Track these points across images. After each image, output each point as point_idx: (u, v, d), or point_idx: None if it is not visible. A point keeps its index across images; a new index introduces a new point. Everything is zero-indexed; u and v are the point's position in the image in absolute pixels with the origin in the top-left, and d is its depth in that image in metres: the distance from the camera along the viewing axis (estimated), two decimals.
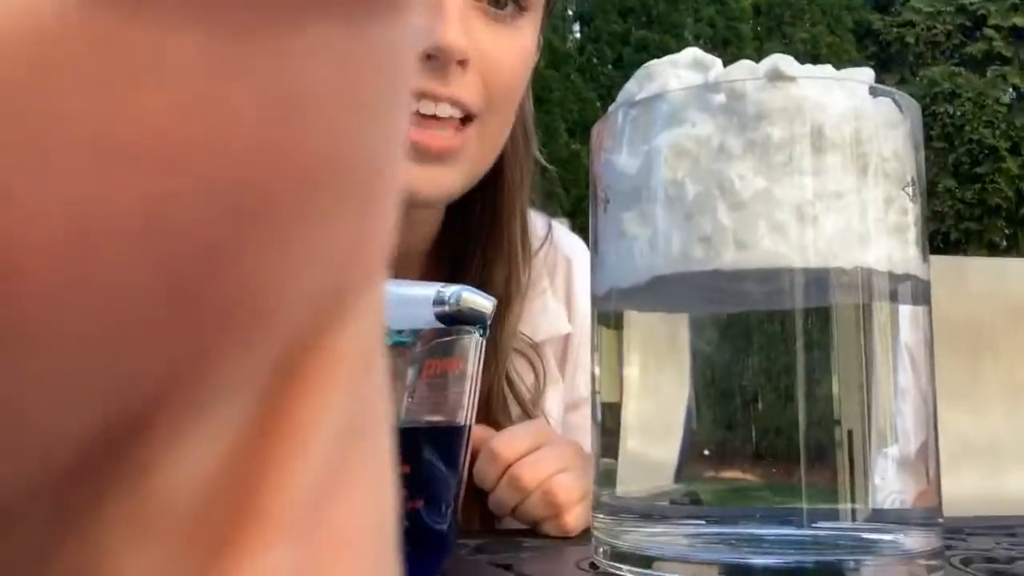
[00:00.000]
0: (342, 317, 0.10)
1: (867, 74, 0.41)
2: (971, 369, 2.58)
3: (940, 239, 5.98)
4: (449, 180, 0.72)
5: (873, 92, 0.39)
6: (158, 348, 0.08)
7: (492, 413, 0.81)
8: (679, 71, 0.42)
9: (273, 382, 0.09)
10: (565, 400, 0.88)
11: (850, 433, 0.38)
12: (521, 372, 0.85)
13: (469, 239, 0.83)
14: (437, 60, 0.67)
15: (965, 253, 5.84)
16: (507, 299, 0.81)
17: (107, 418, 0.08)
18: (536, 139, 0.85)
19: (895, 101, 0.40)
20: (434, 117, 0.69)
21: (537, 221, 0.90)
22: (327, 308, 0.10)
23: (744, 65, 0.40)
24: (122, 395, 0.08)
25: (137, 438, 0.09)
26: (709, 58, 0.42)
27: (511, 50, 0.73)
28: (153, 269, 0.08)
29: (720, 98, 0.39)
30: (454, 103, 0.69)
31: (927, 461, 0.40)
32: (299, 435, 0.10)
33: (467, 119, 0.71)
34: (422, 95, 0.68)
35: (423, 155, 0.69)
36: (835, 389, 0.38)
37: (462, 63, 0.68)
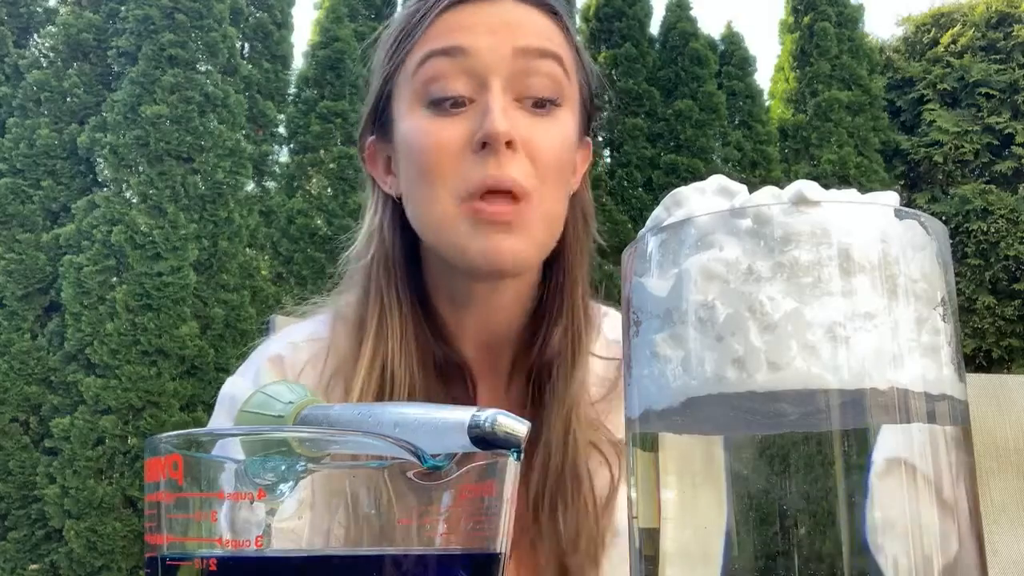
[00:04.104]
0: None
1: (892, 197, 0.41)
2: (1022, 489, 2.48)
3: (983, 357, 5.86)
4: (511, 245, 0.84)
5: (899, 215, 0.40)
6: None
7: (559, 490, 0.88)
8: (706, 196, 0.43)
9: None
10: None
11: (895, 559, 0.37)
12: (594, 468, 0.90)
13: (539, 307, 0.95)
14: (490, 145, 0.83)
15: (1009, 370, 5.71)
16: (566, 355, 0.92)
17: None
18: (594, 222, 0.99)
19: (921, 223, 0.40)
20: (496, 192, 0.83)
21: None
22: None
23: (769, 191, 0.41)
24: None
25: None
26: (734, 184, 0.43)
27: (551, 134, 0.88)
28: None
29: (747, 223, 0.40)
30: (511, 180, 0.83)
31: None
32: None
33: (521, 198, 0.84)
34: (485, 177, 0.83)
35: (487, 226, 0.83)
36: (877, 513, 0.37)
37: (510, 144, 0.83)
